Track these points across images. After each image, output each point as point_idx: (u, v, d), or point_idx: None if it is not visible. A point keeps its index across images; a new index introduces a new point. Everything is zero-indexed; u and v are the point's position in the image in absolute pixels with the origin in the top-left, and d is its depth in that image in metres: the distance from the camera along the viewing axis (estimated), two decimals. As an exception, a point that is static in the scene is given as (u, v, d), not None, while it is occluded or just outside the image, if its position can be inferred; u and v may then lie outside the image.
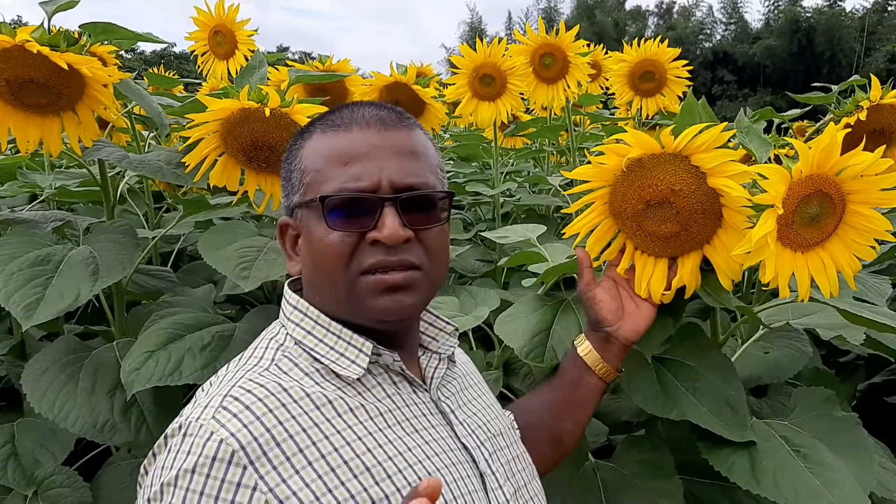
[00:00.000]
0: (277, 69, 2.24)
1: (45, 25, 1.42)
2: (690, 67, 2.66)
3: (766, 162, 1.22)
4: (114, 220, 1.70)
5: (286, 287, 1.02)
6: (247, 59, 2.49)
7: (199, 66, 2.71)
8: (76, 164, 2.44)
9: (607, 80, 2.86)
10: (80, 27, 1.56)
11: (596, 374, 1.20)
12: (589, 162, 1.16)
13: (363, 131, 0.94)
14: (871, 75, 1.63)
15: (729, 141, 1.13)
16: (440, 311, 1.65)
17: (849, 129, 1.26)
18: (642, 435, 1.49)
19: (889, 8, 39.82)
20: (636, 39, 2.69)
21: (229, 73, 2.58)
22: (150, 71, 2.90)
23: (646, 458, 1.39)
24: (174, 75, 3.42)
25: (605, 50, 3.22)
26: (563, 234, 1.26)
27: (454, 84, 2.47)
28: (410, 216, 0.92)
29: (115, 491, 1.61)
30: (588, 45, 2.60)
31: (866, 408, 2.47)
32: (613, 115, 3.30)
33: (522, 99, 2.67)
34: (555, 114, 3.22)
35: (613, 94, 2.85)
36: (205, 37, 2.58)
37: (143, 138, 2.25)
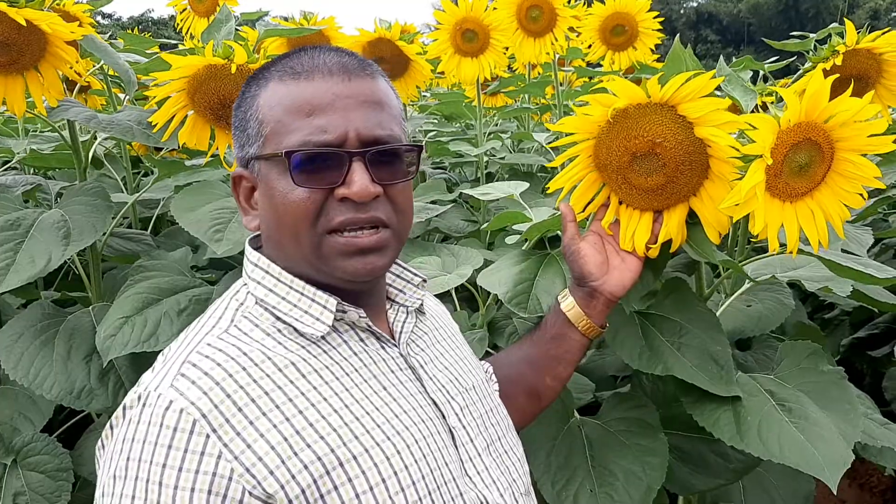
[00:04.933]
0: (257, 27, 2.17)
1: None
2: (662, 18, 2.60)
3: (752, 111, 1.19)
4: (85, 183, 1.65)
5: (247, 244, 0.98)
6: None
7: (178, 24, 2.63)
8: (50, 129, 2.38)
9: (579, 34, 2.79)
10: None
11: (579, 330, 1.18)
12: (573, 114, 1.13)
13: (326, 80, 0.88)
14: (847, 20, 1.60)
15: (716, 90, 1.10)
16: (423, 271, 1.62)
17: (835, 76, 1.24)
18: (628, 392, 1.48)
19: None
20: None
21: (209, 31, 2.50)
22: (126, 32, 2.82)
23: (632, 416, 1.38)
24: (149, 37, 3.33)
25: (585, 5, 3.15)
26: (548, 189, 1.23)
27: (436, 40, 2.41)
28: (378, 171, 0.88)
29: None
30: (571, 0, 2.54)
31: (850, 362, 2.50)
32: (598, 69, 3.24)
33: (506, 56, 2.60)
34: (536, 73, 3.16)
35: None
36: (184, -9, 2.51)
37: (120, 101, 2.19)
